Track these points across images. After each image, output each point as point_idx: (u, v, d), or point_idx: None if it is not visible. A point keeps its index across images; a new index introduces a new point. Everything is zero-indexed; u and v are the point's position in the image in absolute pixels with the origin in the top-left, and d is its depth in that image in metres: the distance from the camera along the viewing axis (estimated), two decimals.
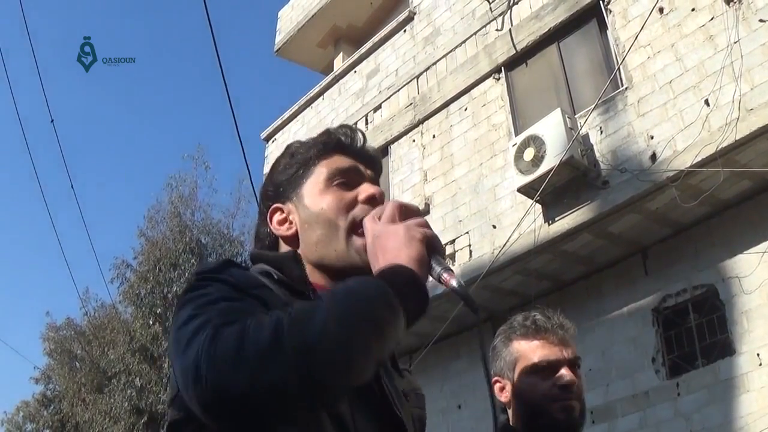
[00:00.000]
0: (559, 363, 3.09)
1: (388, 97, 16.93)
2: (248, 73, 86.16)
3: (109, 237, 74.53)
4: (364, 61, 18.34)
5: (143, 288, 30.74)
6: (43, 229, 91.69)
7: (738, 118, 10.22)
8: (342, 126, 2.34)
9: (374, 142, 16.33)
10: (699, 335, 11.20)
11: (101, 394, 31.18)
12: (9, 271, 77.71)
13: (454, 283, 1.80)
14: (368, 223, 1.94)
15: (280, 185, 2.26)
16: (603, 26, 12.91)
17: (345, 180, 2.17)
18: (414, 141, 15.77)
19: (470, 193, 13.78)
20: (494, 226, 13.01)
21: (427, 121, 15.60)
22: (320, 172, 2.20)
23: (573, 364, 3.11)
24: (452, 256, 13.57)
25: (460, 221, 13.77)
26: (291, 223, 2.19)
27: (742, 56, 10.53)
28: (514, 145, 12.35)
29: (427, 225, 1.90)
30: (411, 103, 16.13)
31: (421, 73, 16.30)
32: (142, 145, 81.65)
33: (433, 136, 15.31)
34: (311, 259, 2.10)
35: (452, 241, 13.70)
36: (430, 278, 1.82)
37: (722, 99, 10.53)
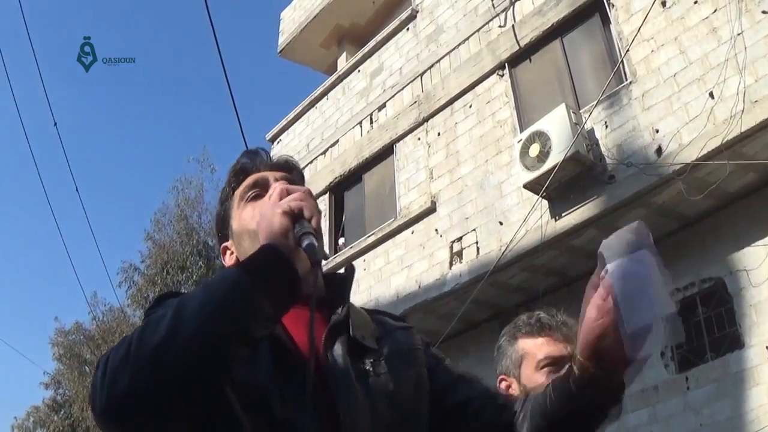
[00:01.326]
0: (564, 359, 3.09)
1: (393, 96, 16.92)
2: (252, 74, 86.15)
3: (116, 241, 74.52)
4: (368, 60, 18.34)
5: (151, 291, 30.85)
6: (49, 234, 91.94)
7: (743, 110, 10.20)
8: (245, 152, 2.52)
9: (379, 140, 16.38)
10: (707, 329, 11.17)
11: None
12: (17, 276, 77.81)
13: (305, 242, 1.88)
14: (261, 211, 2.06)
15: (219, 228, 2.46)
16: (606, 20, 12.89)
17: (255, 191, 2.33)
18: (419, 139, 15.76)
19: (476, 190, 13.76)
20: (501, 223, 13.00)
21: (431, 119, 15.60)
22: (235, 199, 2.38)
23: None
24: (459, 254, 13.56)
25: (467, 218, 13.76)
26: (233, 253, 2.35)
27: (745, 48, 10.51)
28: (519, 141, 12.34)
29: (301, 197, 2.00)
30: (415, 102, 16.12)
31: (424, 71, 16.29)
32: (146, 149, 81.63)
33: (438, 134, 15.30)
34: None
35: (459, 239, 13.69)
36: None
37: (727, 91, 10.51)
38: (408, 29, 17.40)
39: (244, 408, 1.85)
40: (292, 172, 2.45)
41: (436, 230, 14.33)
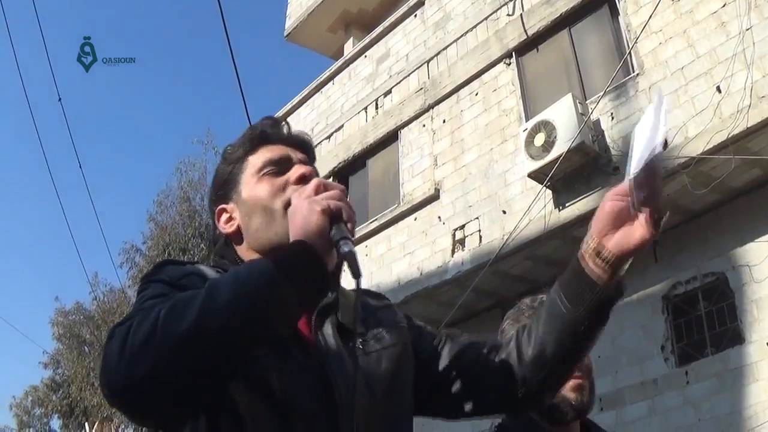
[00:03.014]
0: None
1: (399, 82, 16.89)
2: (258, 57, 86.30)
3: (118, 222, 74.85)
4: (375, 46, 18.30)
5: None
6: (52, 213, 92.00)
7: (750, 106, 10.18)
8: (266, 118, 2.44)
9: (384, 126, 16.35)
10: (709, 323, 11.17)
11: None
12: (18, 255, 78.00)
13: (344, 248, 1.83)
14: (293, 200, 2.00)
15: (220, 188, 2.35)
16: (614, 12, 12.86)
17: (275, 168, 2.25)
18: (424, 126, 15.73)
19: (480, 179, 13.74)
20: (504, 212, 12.98)
21: (437, 106, 15.57)
22: (251, 165, 2.28)
23: None
24: (462, 242, 13.56)
25: (470, 206, 13.74)
26: (233, 220, 2.27)
27: (754, 43, 10.49)
28: (524, 131, 12.32)
29: (339, 197, 1.94)
30: (421, 88, 16.09)
31: (431, 58, 16.26)
32: (151, 130, 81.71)
33: (444, 121, 15.27)
34: (256, 247, 2.19)
35: (462, 227, 13.68)
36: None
37: (734, 86, 10.49)
38: (416, 16, 17.36)
39: (245, 387, 1.84)
40: (309, 153, 2.41)
41: (439, 217, 14.31)
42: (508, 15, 14.62)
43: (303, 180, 2.15)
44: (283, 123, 2.43)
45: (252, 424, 1.83)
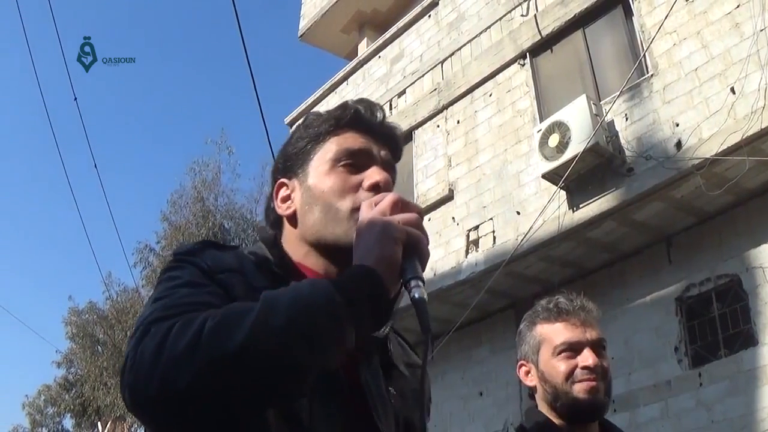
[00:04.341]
0: (581, 344, 3.12)
1: (413, 83, 16.90)
2: (272, 58, 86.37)
3: (132, 221, 74.85)
4: (389, 47, 18.31)
5: None
6: (66, 213, 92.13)
7: (764, 107, 10.16)
8: (362, 100, 2.21)
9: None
10: (722, 325, 11.16)
11: None
12: (32, 254, 78.15)
13: (416, 294, 1.68)
14: (363, 211, 1.85)
15: (289, 158, 2.17)
16: (629, 13, 12.85)
17: (353, 161, 2.06)
18: (438, 126, 15.74)
19: (494, 179, 13.74)
20: (518, 213, 12.98)
21: (451, 107, 15.57)
22: (329, 149, 2.09)
23: (596, 345, 3.13)
24: (476, 242, 13.56)
25: (484, 207, 13.74)
26: (292, 201, 2.10)
27: None
28: (538, 131, 12.31)
29: (417, 224, 1.79)
30: (435, 89, 16.10)
31: (445, 59, 16.27)
32: (165, 130, 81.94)
33: (458, 122, 15.27)
34: (308, 240, 2.02)
35: (476, 227, 13.67)
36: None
37: (748, 87, 10.47)
38: (430, 16, 17.37)
39: (273, 418, 1.67)
40: (395, 150, 2.21)
41: (453, 218, 14.31)
42: (522, 15, 14.62)
43: (376, 188, 1.98)
44: (379, 109, 2.21)
45: None
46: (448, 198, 14.58)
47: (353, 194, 1.99)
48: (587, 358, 3.07)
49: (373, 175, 2.02)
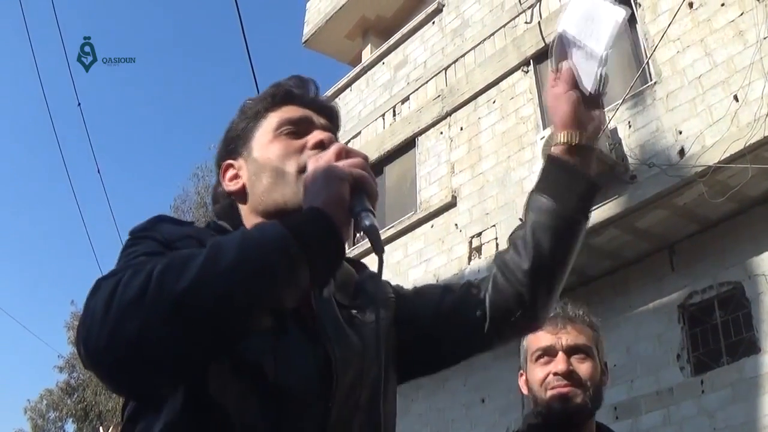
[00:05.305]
0: (554, 350, 3.14)
1: (416, 89, 16.92)
2: (276, 63, 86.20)
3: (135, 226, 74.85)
4: (393, 53, 18.34)
5: None
6: (69, 217, 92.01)
7: (767, 114, 10.16)
8: (292, 76, 2.27)
9: (402, 133, 16.39)
10: (724, 333, 11.15)
11: None
12: (34, 259, 78.12)
13: (366, 221, 1.71)
14: (310, 165, 1.87)
15: (231, 142, 2.19)
16: (632, 20, 12.84)
17: (294, 129, 2.09)
18: (441, 133, 15.75)
19: (497, 186, 13.75)
20: (521, 220, 12.90)
21: (455, 114, 15.59)
22: (269, 123, 2.13)
23: (572, 350, 3.14)
24: (479, 249, 13.56)
25: (487, 214, 13.74)
26: (239, 178, 2.11)
27: None
28: (542, 138, 12.30)
29: (363, 166, 1.80)
30: (439, 95, 16.12)
31: (449, 66, 16.29)
32: (168, 135, 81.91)
33: (461, 129, 15.29)
34: (260, 210, 2.02)
35: (479, 234, 13.68)
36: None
37: (751, 95, 10.48)
38: (433, 23, 17.40)
39: (232, 367, 1.68)
40: (333, 120, 2.24)
41: (456, 225, 14.32)
42: (526, 23, 14.63)
43: (321, 146, 2.01)
44: (312, 83, 2.25)
45: (239, 409, 1.67)
46: (451, 205, 14.58)
47: (298, 155, 2.02)
48: (557, 363, 3.09)
49: (317, 134, 2.06)
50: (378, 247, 1.71)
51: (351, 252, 15.02)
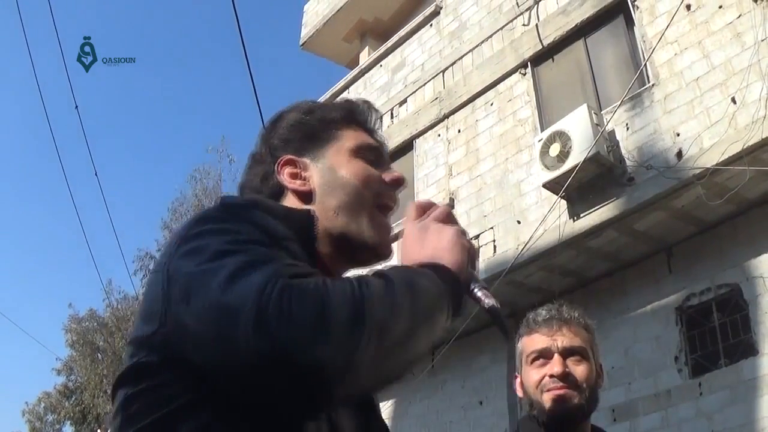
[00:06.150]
0: (549, 352, 3.15)
1: (414, 92, 16.93)
2: (274, 66, 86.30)
3: (133, 229, 74.85)
4: (390, 55, 18.35)
5: None
6: (67, 220, 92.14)
7: (765, 117, 10.17)
8: (366, 101, 2.21)
9: (399, 136, 16.39)
10: (722, 335, 11.15)
11: None
12: (32, 262, 78.14)
13: (491, 302, 1.71)
14: (411, 211, 1.91)
15: (291, 139, 2.08)
16: (630, 22, 12.87)
17: (372, 158, 2.05)
18: (439, 135, 15.76)
19: (495, 189, 13.75)
20: (519, 222, 12.99)
21: (452, 116, 15.59)
22: (347, 138, 2.06)
23: (568, 352, 3.15)
24: (477, 252, 13.56)
25: (485, 216, 13.74)
26: (305, 180, 2.00)
27: None
28: (539, 141, 12.32)
29: (466, 235, 1.81)
30: (437, 98, 16.12)
31: (447, 68, 16.29)
32: (166, 138, 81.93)
33: (459, 131, 15.29)
34: (325, 224, 1.90)
35: (477, 236, 13.67)
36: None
37: (749, 97, 10.48)
38: (431, 25, 17.41)
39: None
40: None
41: None
42: (524, 25, 14.64)
43: (397, 184, 2.06)
44: (377, 113, 2.23)
45: None
46: (449, 207, 14.56)
47: (377, 185, 2.00)
48: (553, 366, 3.10)
49: (395, 173, 2.06)
50: (504, 329, 1.74)
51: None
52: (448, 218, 1.85)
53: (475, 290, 1.73)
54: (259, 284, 1.37)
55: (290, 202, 2.00)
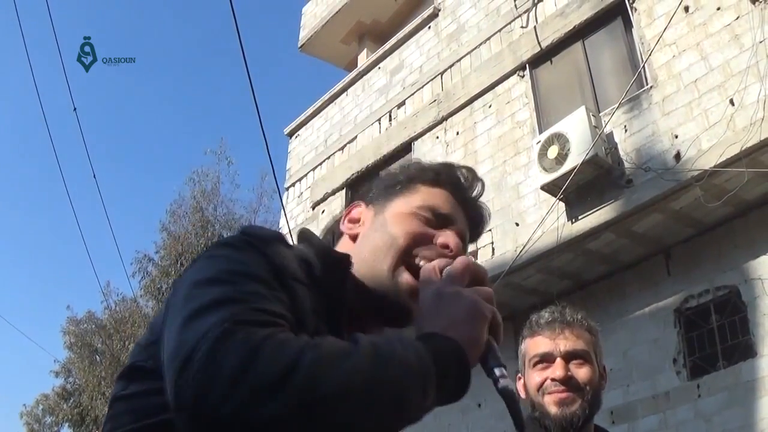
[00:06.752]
0: (552, 356, 3.17)
1: (412, 94, 16.92)
2: (272, 68, 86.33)
3: (131, 231, 74.78)
4: (388, 58, 18.36)
5: (165, 282, 30.95)
6: (65, 222, 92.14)
7: (763, 118, 10.16)
8: (470, 169, 2.15)
9: (398, 138, 16.37)
10: (721, 337, 11.14)
11: None
12: (31, 264, 78.09)
13: (505, 383, 1.63)
14: (427, 270, 1.76)
15: (374, 188, 2.09)
16: (628, 24, 12.87)
17: (433, 220, 1.95)
18: (437, 138, 15.74)
19: (493, 191, 13.72)
20: (517, 224, 12.98)
21: (450, 118, 15.58)
22: (417, 195, 2.01)
23: (570, 356, 3.17)
24: (474, 254, 13.52)
25: None
26: (360, 224, 2.01)
27: (767, 56, 10.48)
28: (538, 143, 12.32)
29: (493, 300, 1.68)
30: (435, 100, 16.11)
31: (445, 70, 16.29)
32: (164, 140, 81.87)
33: (457, 133, 15.28)
34: (358, 268, 1.87)
35: None
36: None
37: (747, 99, 10.48)
38: (429, 27, 17.41)
39: None
40: (476, 229, 2.14)
41: None
42: (522, 27, 14.65)
43: (445, 249, 1.89)
44: (479, 184, 2.13)
45: None
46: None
47: (417, 242, 1.90)
48: (555, 369, 3.12)
49: (449, 236, 1.93)
50: (518, 422, 1.64)
51: None
52: (465, 277, 1.71)
53: (494, 369, 1.63)
54: (207, 327, 1.38)
55: (342, 245, 2.01)
